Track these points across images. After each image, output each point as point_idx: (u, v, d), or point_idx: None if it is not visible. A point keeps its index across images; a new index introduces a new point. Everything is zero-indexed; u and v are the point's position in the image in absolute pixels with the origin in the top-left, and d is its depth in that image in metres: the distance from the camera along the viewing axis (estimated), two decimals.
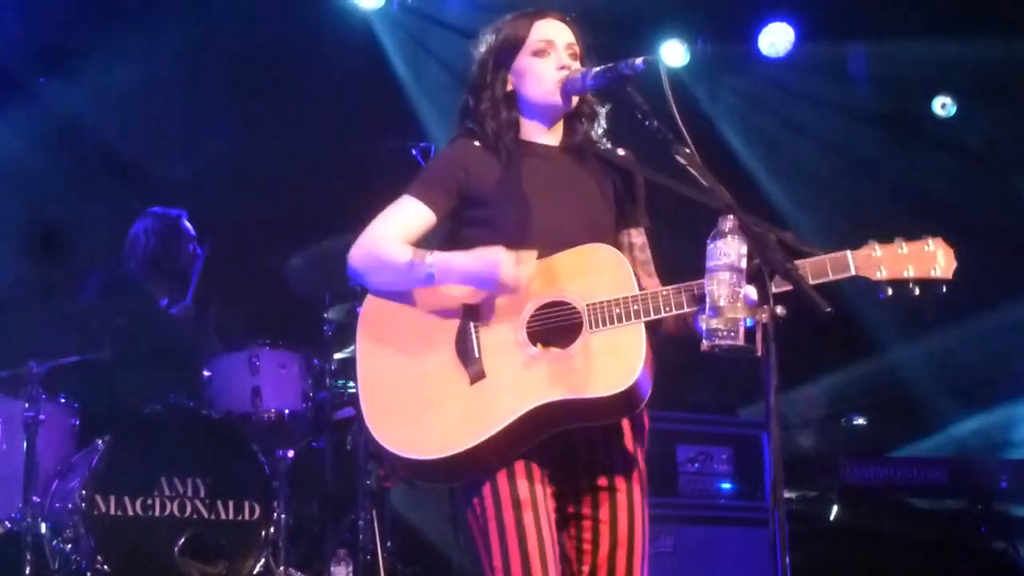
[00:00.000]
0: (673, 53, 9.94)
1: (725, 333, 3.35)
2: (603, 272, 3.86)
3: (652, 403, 3.83)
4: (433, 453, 3.76)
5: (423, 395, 3.82)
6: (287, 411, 7.25)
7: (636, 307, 3.76)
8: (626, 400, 3.72)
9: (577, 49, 4.10)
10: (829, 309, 3.32)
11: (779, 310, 3.36)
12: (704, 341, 3.41)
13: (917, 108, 10.43)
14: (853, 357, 10.04)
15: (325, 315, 7.60)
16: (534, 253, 3.82)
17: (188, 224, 7.78)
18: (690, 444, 7.66)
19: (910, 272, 3.69)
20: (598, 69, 3.92)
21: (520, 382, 3.75)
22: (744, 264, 3.40)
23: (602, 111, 4.16)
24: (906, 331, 9.98)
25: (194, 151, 8.57)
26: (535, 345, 3.80)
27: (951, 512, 8.73)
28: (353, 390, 7.34)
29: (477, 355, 3.81)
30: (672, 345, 3.84)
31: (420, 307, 3.93)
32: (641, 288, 3.82)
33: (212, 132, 8.68)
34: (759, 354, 3.34)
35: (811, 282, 3.60)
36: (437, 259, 3.85)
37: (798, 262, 3.68)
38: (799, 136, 10.22)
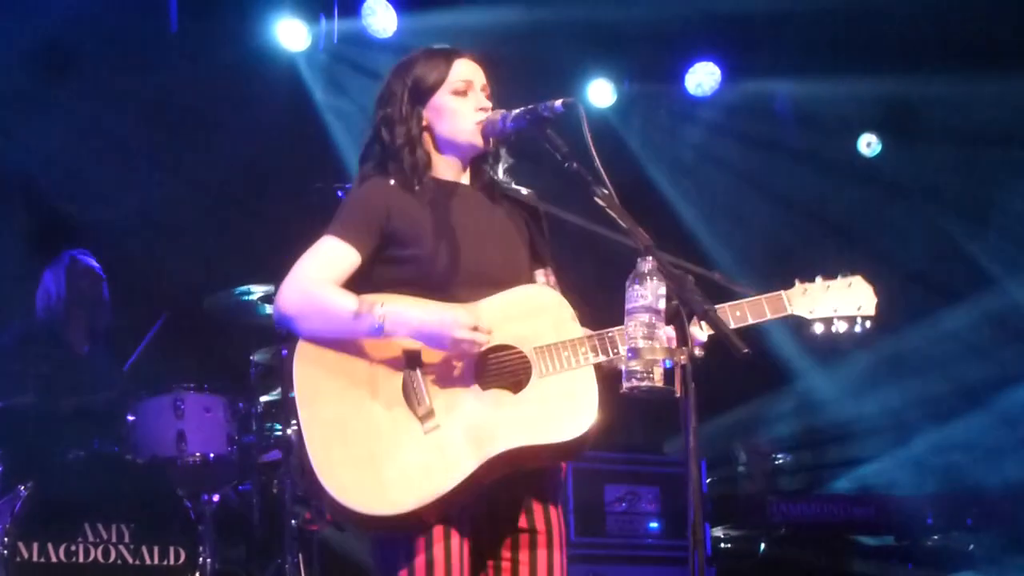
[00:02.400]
0: (600, 92, 9.99)
1: (643, 375, 3.37)
2: (545, 314, 3.89)
3: None
4: (392, 509, 3.66)
5: (376, 446, 3.71)
6: (212, 455, 7.21)
7: (584, 350, 3.81)
8: (580, 443, 3.76)
9: (489, 91, 4.14)
10: (747, 351, 3.35)
11: (697, 351, 3.40)
12: (623, 383, 3.43)
13: (842, 146, 10.53)
14: (769, 389, 10.09)
15: (250, 357, 7.57)
16: (490, 313, 3.83)
17: (96, 264, 7.66)
18: (618, 484, 7.69)
19: (837, 310, 3.84)
20: (517, 111, 3.94)
21: (477, 430, 3.73)
22: (662, 305, 3.42)
23: (504, 152, 4.19)
24: (823, 360, 10.06)
25: (116, 196, 8.48)
26: (486, 390, 3.80)
27: (878, 548, 8.80)
28: (279, 433, 7.32)
29: (428, 402, 3.76)
30: (600, 383, 3.85)
31: (360, 350, 3.83)
32: None
33: (133, 176, 8.62)
34: (678, 395, 3.37)
35: (750, 322, 3.81)
36: (388, 312, 3.75)
37: (735, 303, 3.78)
38: (726, 174, 10.30)
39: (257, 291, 7.21)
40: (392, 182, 4.03)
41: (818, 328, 3.91)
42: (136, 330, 7.84)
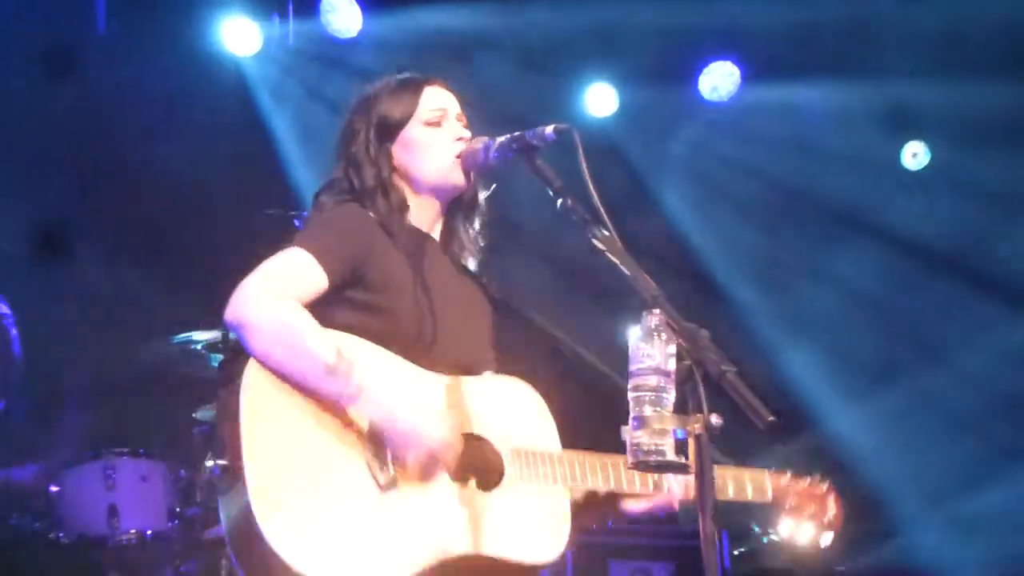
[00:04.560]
0: (600, 100, 10.05)
1: (651, 448, 3.35)
2: (527, 416, 4.02)
3: None
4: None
5: (332, 508, 3.69)
6: (150, 532, 7.21)
7: (563, 472, 3.95)
8: (541, 569, 3.87)
9: (466, 120, 4.18)
10: (772, 418, 3.36)
11: (714, 419, 3.38)
12: (628, 458, 3.39)
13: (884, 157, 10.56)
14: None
15: (193, 415, 7.57)
16: (470, 396, 3.91)
17: (6, 310, 7.63)
18: (625, 560, 7.68)
19: (810, 513, 4.38)
20: (502, 140, 3.96)
21: (440, 522, 3.78)
22: (672, 366, 3.40)
23: (482, 200, 4.25)
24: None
25: (13, 224, 8.44)
26: (454, 480, 3.84)
27: None
28: None
29: (391, 471, 3.77)
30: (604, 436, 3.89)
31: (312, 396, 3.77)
32: None
33: (41, 199, 8.57)
34: (692, 472, 3.36)
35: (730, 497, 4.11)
36: (369, 390, 3.73)
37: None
38: (749, 194, 10.33)
39: (200, 338, 7.21)
40: (372, 215, 4.06)
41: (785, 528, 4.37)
42: (57, 387, 7.82)
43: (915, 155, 10.57)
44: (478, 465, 3.88)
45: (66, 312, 8.22)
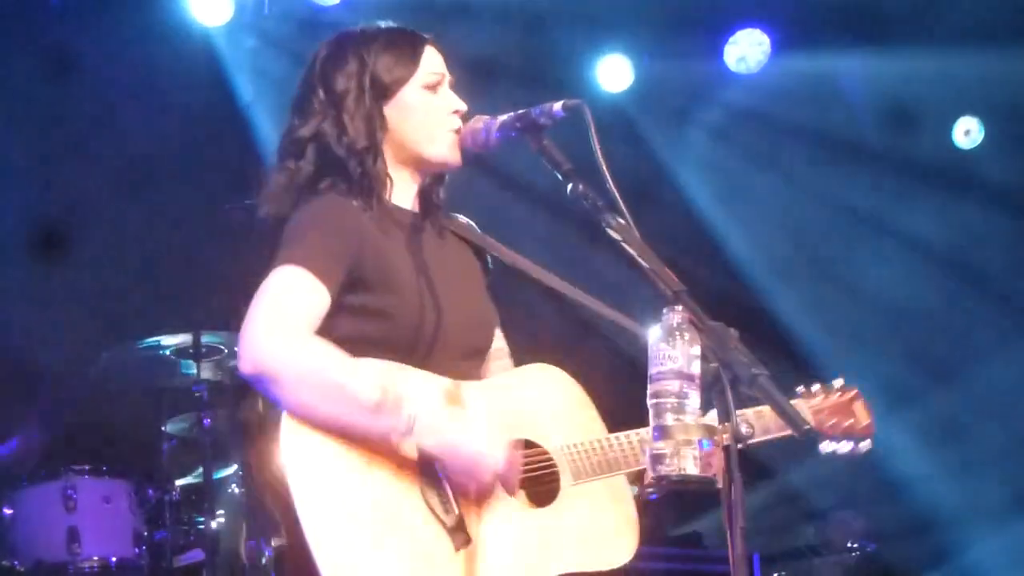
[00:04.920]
0: (614, 73, 10.06)
1: (674, 460, 3.35)
2: (563, 404, 4.05)
3: None
4: None
5: (407, 569, 3.66)
6: (114, 558, 7.21)
7: (615, 456, 3.96)
8: (622, 571, 3.90)
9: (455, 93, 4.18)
10: (808, 426, 3.37)
11: (744, 428, 3.36)
12: (649, 470, 3.39)
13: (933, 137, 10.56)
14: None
15: (162, 429, 7.58)
16: (503, 398, 3.94)
17: None
18: None
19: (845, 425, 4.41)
20: (505, 118, 3.95)
21: (516, 549, 3.81)
22: (696, 369, 3.38)
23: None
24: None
25: None
26: (514, 498, 3.87)
27: None
28: (202, 527, 7.33)
29: (456, 510, 3.75)
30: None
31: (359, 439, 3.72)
32: None
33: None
34: (719, 486, 3.34)
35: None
36: (422, 419, 3.69)
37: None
38: (778, 177, 10.34)
39: (168, 343, 7.22)
40: (354, 203, 3.99)
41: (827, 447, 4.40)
42: (8, 397, 7.82)
43: (968, 132, 10.56)
44: (530, 476, 3.91)
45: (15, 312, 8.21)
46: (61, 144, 8.70)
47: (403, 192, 4.13)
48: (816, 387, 4.44)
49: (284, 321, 3.70)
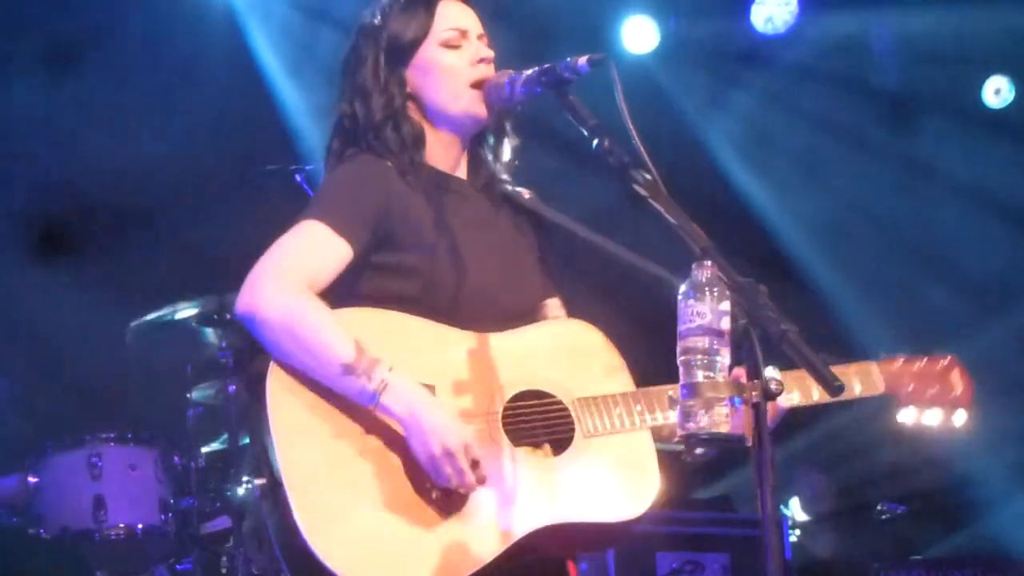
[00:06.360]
0: (639, 34, 10.02)
1: (704, 418, 3.32)
2: (588, 358, 3.99)
3: None
4: None
5: (380, 514, 3.70)
6: (140, 526, 7.24)
7: (639, 408, 3.92)
8: (632, 525, 3.85)
9: (488, 40, 4.14)
10: (840, 383, 3.33)
11: (774, 386, 3.32)
12: (677, 428, 3.33)
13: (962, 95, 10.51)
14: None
15: (187, 396, 7.58)
16: (522, 348, 3.91)
17: None
18: (674, 551, 7.67)
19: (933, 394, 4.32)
20: (530, 72, 3.92)
21: (512, 497, 3.78)
22: (726, 325, 3.34)
23: (509, 128, 4.23)
24: None
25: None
26: (518, 447, 3.84)
27: None
28: (229, 494, 7.34)
29: None
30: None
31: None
32: None
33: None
34: (750, 444, 3.32)
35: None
36: (392, 381, 3.71)
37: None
38: (805, 138, 10.31)
39: (191, 311, 7.22)
40: (389, 164, 4.02)
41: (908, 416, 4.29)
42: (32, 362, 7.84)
43: (998, 91, 10.53)
44: (540, 426, 3.88)
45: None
46: (80, 111, 8.68)
47: (446, 155, 4.14)
48: (900, 358, 4.37)
49: (285, 270, 3.80)
